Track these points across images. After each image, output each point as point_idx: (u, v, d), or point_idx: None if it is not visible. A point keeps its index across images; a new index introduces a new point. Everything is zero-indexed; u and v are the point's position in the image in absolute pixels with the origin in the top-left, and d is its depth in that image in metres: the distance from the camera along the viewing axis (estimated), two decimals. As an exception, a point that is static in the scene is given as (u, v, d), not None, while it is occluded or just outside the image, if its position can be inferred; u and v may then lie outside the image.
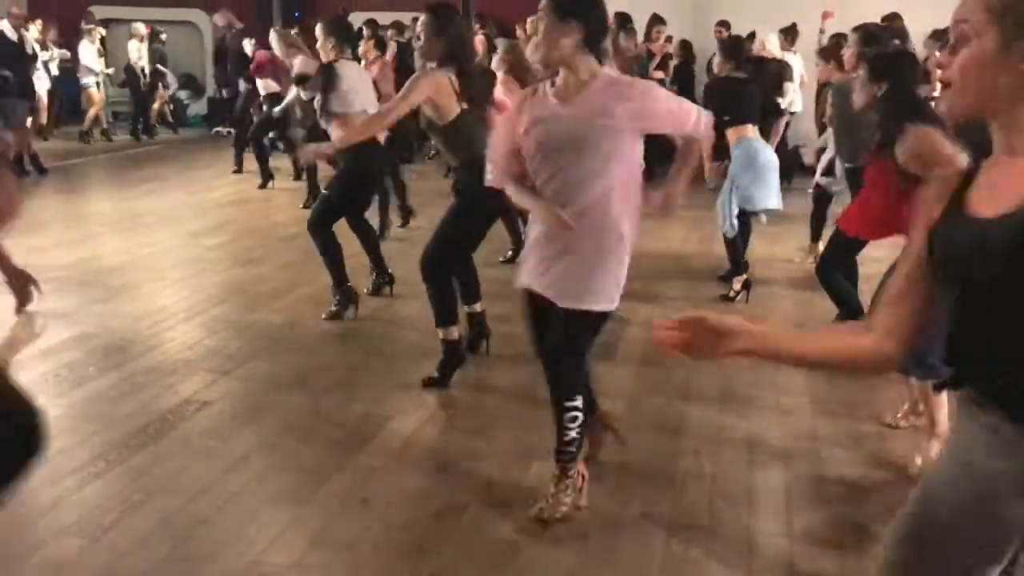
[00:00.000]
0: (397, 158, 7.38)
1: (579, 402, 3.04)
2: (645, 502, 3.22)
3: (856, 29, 5.67)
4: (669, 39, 10.92)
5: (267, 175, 9.53)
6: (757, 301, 5.67)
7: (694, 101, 3.43)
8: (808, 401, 4.09)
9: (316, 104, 5.19)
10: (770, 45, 8.60)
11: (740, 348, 1.59)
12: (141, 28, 13.66)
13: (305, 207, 8.07)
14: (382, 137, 5.57)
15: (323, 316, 5.24)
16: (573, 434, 3.06)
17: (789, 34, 9.81)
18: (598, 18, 2.90)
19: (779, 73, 8.49)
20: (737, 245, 5.71)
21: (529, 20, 10.31)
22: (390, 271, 5.67)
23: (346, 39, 5.51)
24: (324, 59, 5.40)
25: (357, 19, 9.57)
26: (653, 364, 4.61)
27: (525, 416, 3.89)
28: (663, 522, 3.10)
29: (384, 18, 11.87)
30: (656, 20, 10.91)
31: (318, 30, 5.47)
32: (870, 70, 4.16)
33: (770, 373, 4.41)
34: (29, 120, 11.35)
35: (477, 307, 4.66)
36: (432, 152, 10.68)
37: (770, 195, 5.70)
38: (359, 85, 5.28)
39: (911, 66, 4.30)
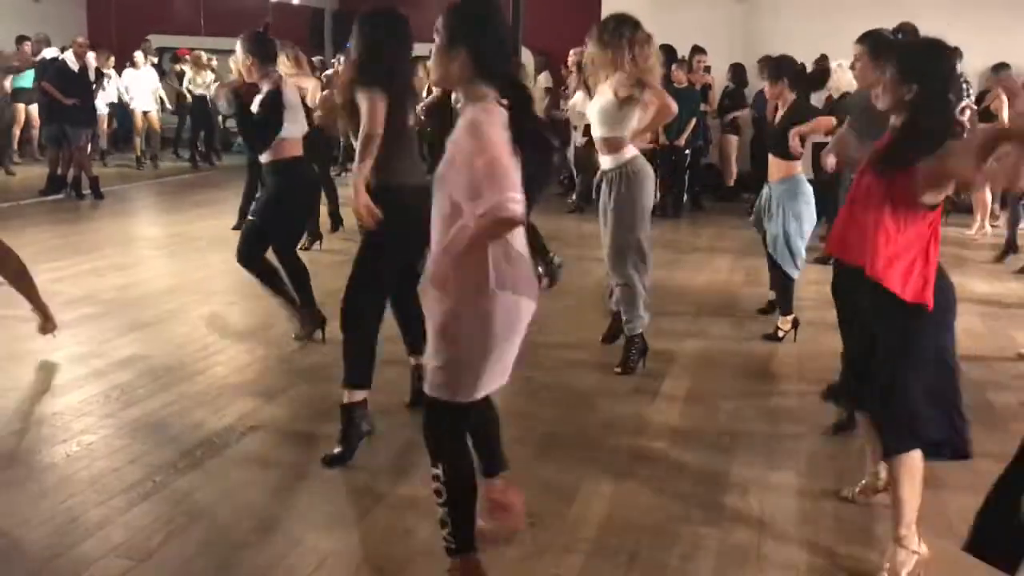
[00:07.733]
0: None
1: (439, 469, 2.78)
2: (691, 540, 3.17)
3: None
4: (707, 69, 10.89)
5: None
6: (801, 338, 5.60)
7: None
8: (858, 442, 4.00)
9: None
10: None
11: None
12: (202, 56, 13.92)
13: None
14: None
15: (293, 336, 5.32)
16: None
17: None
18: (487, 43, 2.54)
19: None
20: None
21: (572, 52, 10.42)
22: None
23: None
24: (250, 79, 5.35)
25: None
26: (699, 400, 4.56)
27: (566, 448, 3.87)
28: (709, 560, 3.05)
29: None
30: (696, 51, 10.91)
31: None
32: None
33: (819, 411, 4.33)
34: (90, 146, 11.69)
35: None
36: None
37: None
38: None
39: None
